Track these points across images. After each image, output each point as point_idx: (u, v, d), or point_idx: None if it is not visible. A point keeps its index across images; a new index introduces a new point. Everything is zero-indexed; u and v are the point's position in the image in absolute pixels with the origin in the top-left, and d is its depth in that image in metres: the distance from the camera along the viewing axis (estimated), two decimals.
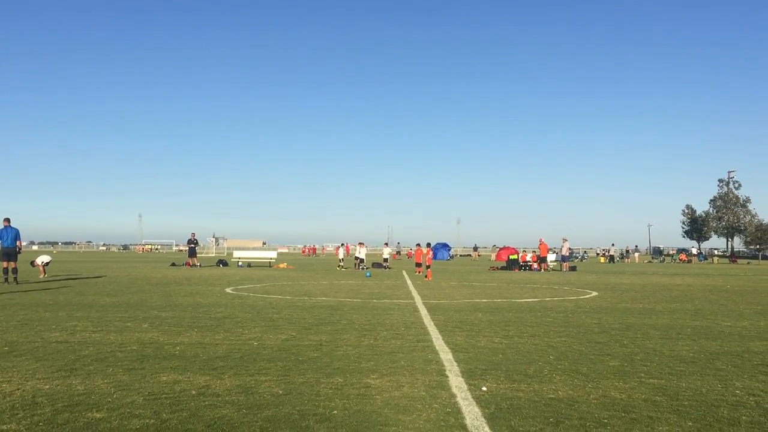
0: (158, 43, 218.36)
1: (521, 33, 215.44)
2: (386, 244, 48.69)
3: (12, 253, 21.66)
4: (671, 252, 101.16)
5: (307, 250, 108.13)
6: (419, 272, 33.07)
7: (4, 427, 5.01)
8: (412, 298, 17.81)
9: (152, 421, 5.21)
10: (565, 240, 41.45)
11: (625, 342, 9.79)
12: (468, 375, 7.17)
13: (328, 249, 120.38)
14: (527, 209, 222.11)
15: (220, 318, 12.31)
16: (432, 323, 11.87)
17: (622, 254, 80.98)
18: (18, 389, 6.27)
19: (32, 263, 27.25)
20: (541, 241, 40.39)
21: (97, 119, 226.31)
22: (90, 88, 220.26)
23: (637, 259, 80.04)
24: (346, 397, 6.06)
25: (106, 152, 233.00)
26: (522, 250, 49.03)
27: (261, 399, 5.96)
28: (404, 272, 35.59)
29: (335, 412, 5.54)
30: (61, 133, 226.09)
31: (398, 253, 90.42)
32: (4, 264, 21.43)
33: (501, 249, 69.70)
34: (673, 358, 8.47)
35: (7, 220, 22.01)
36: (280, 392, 6.24)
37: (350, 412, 5.53)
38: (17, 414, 5.37)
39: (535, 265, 40.13)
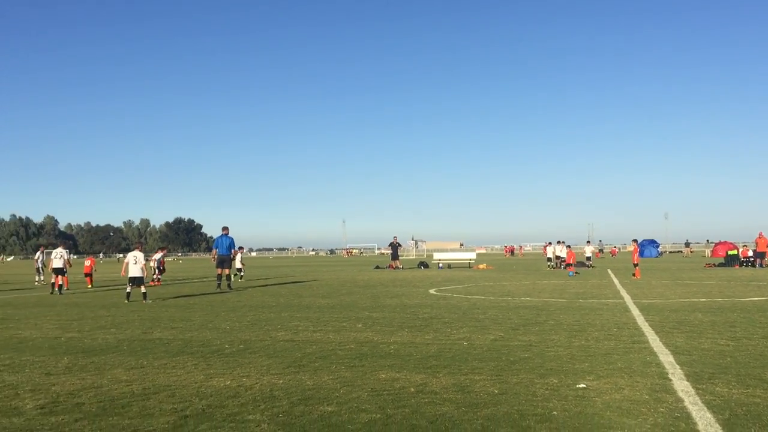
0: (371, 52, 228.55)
1: None
2: (588, 242, 46.98)
3: (226, 260, 22.97)
4: None
5: (507, 250, 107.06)
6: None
7: (250, 417, 5.55)
8: (621, 297, 17.05)
9: (378, 415, 5.50)
10: None
11: None
12: (694, 378, 6.74)
13: (525, 249, 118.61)
14: (742, 201, 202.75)
15: (428, 318, 12.63)
16: (646, 324, 11.29)
17: None
18: (257, 383, 6.91)
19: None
20: (760, 235, 36.67)
21: (303, 133, 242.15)
22: (293, 101, 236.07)
23: None
24: (564, 399, 5.97)
25: (312, 161, 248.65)
26: (742, 244, 44.85)
27: (478, 398, 6.06)
28: (609, 271, 34.12)
29: (555, 413, 5.48)
30: (274, 147, 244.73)
31: (601, 251, 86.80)
32: (218, 270, 23.02)
33: (717, 244, 64.32)
34: None
35: (225, 228, 23.48)
36: (496, 392, 6.29)
37: (570, 414, 5.44)
38: (259, 406, 5.93)
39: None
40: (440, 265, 43.79)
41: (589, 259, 41.53)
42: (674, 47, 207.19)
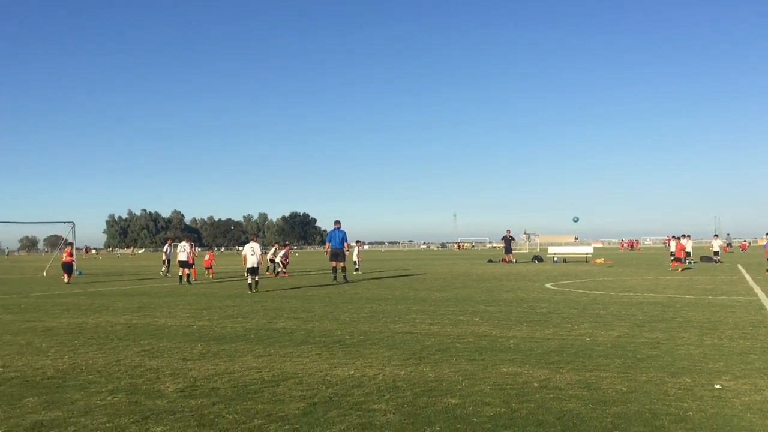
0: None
1: None
2: (716, 235, 44.52)
3: (340, 254, 23.24)
4: None
5: (627, 244, 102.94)
6: None
7: (376, 406, 5.67)
8: (755, 294, 16.06)
9: (503, 409, 5.47)
10: None
11: None
12: None
13: (646, 243, 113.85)
14: None
15: (546, 313, 12.40)
16: None
17: None
18: (379, 374, 7.04)
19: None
20: None
21: (414, 127, 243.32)
22: (405, 96, 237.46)
23: None
24: (699, 399, 5.71)
25: (424, 155, 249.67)
26: None
27: (605, 395, 5.90)
28: (740, 266, 32.18)
29: (690, 413, 5.25)
30: (385, 142, 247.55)
31: (729, 245, 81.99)
32: (333, 263, 23.45)
33: None
34: None
35: (338, 222, 23.82)
36: (625, 389, 6.10)
37: (707, 415, 5.20)
38: (383, 396, 6.04)
39: None
40: (555, 259, 42.88)
41: (716, 253, 39.39)
42: None
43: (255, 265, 19.23)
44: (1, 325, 11.85)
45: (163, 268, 31.75)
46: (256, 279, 19.10)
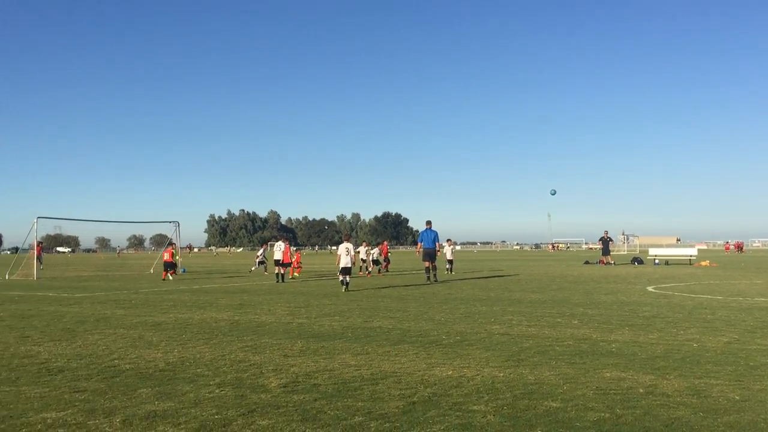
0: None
1: None
2: None
3: (432, 254, 23.45)
4: None
5: (735, 246, 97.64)
6: None
7: (475, 407, 5.65)
8: None
9: (607, 415, 5.33)
10: None
11: None
12: None
13: (755, 245, 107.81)
14: None
15: (649, 317, 11.98)
16: None
17: None
18: (477, 375, 7.01)
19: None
20: None
21: (506, 128, 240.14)
22: (498, 96, 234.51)
23: None
24: None
25: (513, 155, 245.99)
26: None
27: (716, 403, 5.65)
28: None
29: None
30: (477, 143, 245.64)
31: None
32: (426, 263, 23.54)
33: None
34: None
35: (429, 222, 23.96)
36: (737, 398, 5.83)
37: None
38: (483, 397, 6.01)
39: None
40: (656, 261, 41.25)
41: None
42: None
43: (348, 265, 19.57)
44: (115, 320, 12.55)
45: (253, 267, 33.12)
46: (347, 281, 19.40)
